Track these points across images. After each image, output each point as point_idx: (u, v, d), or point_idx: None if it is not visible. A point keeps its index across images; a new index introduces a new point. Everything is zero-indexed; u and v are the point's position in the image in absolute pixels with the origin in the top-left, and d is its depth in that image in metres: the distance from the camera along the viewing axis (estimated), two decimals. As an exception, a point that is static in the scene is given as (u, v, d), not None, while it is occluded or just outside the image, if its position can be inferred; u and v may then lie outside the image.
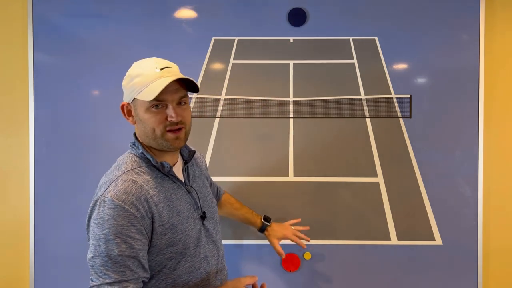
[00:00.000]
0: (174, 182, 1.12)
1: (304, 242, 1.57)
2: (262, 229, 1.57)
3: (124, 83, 1.10)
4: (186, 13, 1.75)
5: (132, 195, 1.01)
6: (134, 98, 1.06)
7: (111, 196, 1.00)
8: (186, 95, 1.10)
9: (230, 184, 1.74)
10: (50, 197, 1.73)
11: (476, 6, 1.73)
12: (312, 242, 1.72)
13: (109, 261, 0.98)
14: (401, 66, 1.75)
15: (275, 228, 1.57)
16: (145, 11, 1.74)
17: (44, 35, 1.74)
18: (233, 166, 1.73)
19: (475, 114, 1.73)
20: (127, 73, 1.09)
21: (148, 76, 1.04)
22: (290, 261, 1.72)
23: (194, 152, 1.22)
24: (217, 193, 1.53)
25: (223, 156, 1.74)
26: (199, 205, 1.18)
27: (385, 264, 1.72)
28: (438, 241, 1.72)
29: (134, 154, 1.11)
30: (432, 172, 1.73)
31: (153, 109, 1.05)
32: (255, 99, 1.75)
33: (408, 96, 1.74)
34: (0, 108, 1.79)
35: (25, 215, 1.74)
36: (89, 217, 1.03)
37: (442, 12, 1.74)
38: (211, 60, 1.75)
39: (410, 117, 1.74)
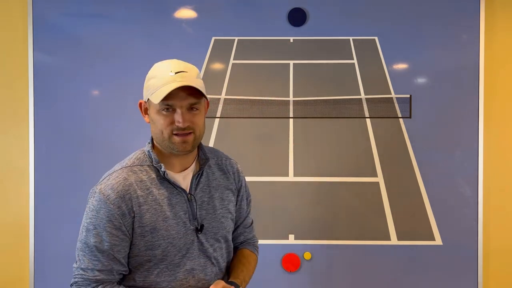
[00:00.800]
0: (173, 187, 1.10)
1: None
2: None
3: (145, 82, 1.12)
4: (186, 13, 1.76)
5: (117, 193, 1.03)
6: (149, 98, 1.08)
7: (100, 189, 1.05)
8: (199, 102, 1.08)
9: (230, 184, 1.74)
10: (50, 197, 1.73)
11: (476, 6, 1.73)
12: (312, 242, 1.72)
13: (86, 249, 1.03)
14: (401, 66, 1.75)
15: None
16: (145, 11, 1.74)
17: (44, 35, 1.74)
18: (233, 166, 1.73)
19: (475, 114, 1.73)
20: (148, 73, 1.11)
21: (160, 78, 1.05)
22: (290, 261, 1.72)
23: (208, 159, 1.17)
24: (243, 232, 1.31)
25: (223, 156, 1.74)
26: (196, 216, 1.12)
27: (385, 264, 1.72)
28: (438, 241, 1.72)
29: (143, 151, 1.13)
30: (432, 172, 1.72)
31: (164, 112, 1.06)
32: (255, 99, 1.75)
33: (408, 96, 1.74)
34: (0, 108, 1.79)
35: (25, 215, 1.74)
36: (87, 203, 1.09)
37: (442, 12, 1.74)
38: (211, 60, 1.75)
39: (410, 117, 1.74)
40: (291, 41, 1.76)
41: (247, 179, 1.73)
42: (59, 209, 1.73)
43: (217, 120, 1.75)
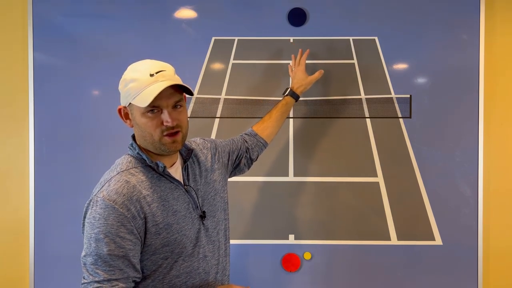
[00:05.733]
0: (171, 182, 1.12)
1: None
2: (293, 96, 1.57)
3: (120, 86, 1.11)
4: (186, 13, 1.76)
5: (123, 195, 1.02)
6: (130, 103, 1.07)
7: (103, 196, 1.01)
8: (182, 99, 1.10)
9: (230, 184, 1.73)
10: (50, 197, 1.73)
11: (476, 6, 1.73)
12: (312, 242, 1.72)
13: (99, 260, 0.99)
14: (401, 66, 1.75)
15: (294, 82, 1.60)
16: (145, 11, 1.74)
17: (44, 35, 1.74)
18: (233, 166, 1.73)
19: (475, 114, 1.73)
20: (123, 77, 1.10)
21: (142, 81, 1.04)
22: (290, 261, 1.72)
23: (192, 150, 1.21)
24: (253, 136, 1.47)
25: (223, 156, 1.74)
26: (198, 204, 1.17)
27: (385, 264, 1.72)
28: (438, 241, 1.72)
29: (130, 155, 1.12)
30: (432, 172, 1.73)
31: (149, 114, 1.05)
32: (255, 99, 1.75)
33: (408, 96, 1.74)
34: (0, 108, 1.80)
35: (25, 215, 1.74)
36: (84, 217, 1.05)
37: (442, 12, 1.74)
38: (211, 60, 1.75)
39: (410, 117, 1.74)
40: (291, 41, 1.76)
41: (247, 179, 1.74)
42: (59, 209, 1.73)
43: (217, 120, 1.75)
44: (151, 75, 1.04)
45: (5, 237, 1.79)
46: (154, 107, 1.04)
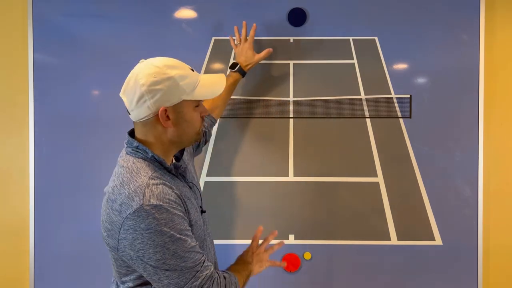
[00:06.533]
0: (181, 181, 1.14)
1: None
2: (241, 72, 1.57)
3: (160, 86, 1.03)
4: (186, 13, 1.76)
5: (171, 195, 1.02)
6: (183, 100, 1.06)
7: (156, 202, 0.97)
8: None
9: (230, 184, 1.74)
10: (50, 197, 1.73)
11: (476, 6, 1.73)
12: (312, 242, 1.72)
13: (185, 255, 1.00)
14: (401, 66, 1.75)
15: (242, 58, 1.59)
16: (145, 11, 1.74)
17: (44, 35, 1.74)
18: (233, 166, 1.73)
19: (475, 114, 1.73)
20: (163, 75, 1.03)
21: (192, 76, 1.07)
22: (290, 261, 1.72)
23: (184, 147, 1.23)
24: (207, 117, 1.51)
25: (223, 156, 1.74)
26: (200, 199, 1.21)
27: (385, 264, 1.72)
28: (438, 241, 1.72)
29: (143, 159, 1.07)
30: (432, 172, 1.72)
31: (197, 108, 1.10)
32: (255, 99, 1.75)
33: (408, 96, 1.74)
34: (0, 108, 1.80)
35: (25, 214, 1.74)
36: (135, 230, 0.97)
37: (442, 12, 1.74)
38: (211, 60, 1.75)
39: (410, 117, 1.74)
40: (291, 41, 1.76)
41: (247, 179, 1.74)
42: (59, 209, 1.73)
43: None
44: (191, 69, 1.10)
45: (5, 237, 1.79)
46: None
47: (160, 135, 1.09)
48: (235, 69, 1.56)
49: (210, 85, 1.09)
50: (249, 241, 1.40)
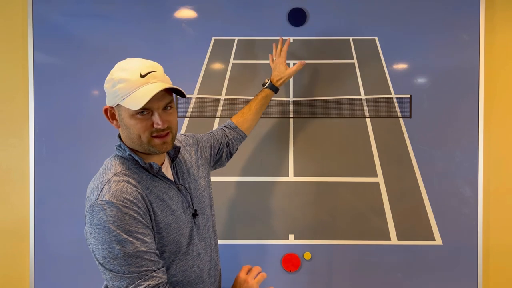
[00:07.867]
0: (164, 181, 1.12)
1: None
2: (273, 89, 1.57)
3: (106, 85, 1.07)
4: (186, 13, 1.76)
5: (130, 194, 1.01)
6: (118, 104, 1.04)
7: (109, 198, 0.98)
8: (172, 100, 1.08)
9: (230, 184, 1.74)
10: (50, 197, 1.74)
11: (476, 6, 1.73)
12: (312, 242, 1.72)
13: (129, 259, 0.97)
14: (401, 66, 1.75)
15: (274, 73, 1.59)
16: (145, 11, 1.74)
17: (44, 35, 1.74)
18: (233, 166, 1.73)
19: (475, 114, 1.73)
20: (109, 76, 1.06)
21: (132, 82, 1.01)
22: (290, 261, 1.72)
23: (179, 148, 1.20)
24: (233, 130, 1.47)
25: (223, 156, 1.74)
26: (190, 203, 1.17)
27: (385, 264, 1.72)
28: (438, 241, 1.72)
29: (121, 157, 1.10)
30: (432, 172, 1.73)
31: (138, 116, 1.03)
32: (255, 99, 1.75)
33: (408, 96, 1.74)
34: (0, 108, 1.80)
35: (25, 215, 1.74)
36: (90, 224, 0.99)
37: (442, 12, 1.74)
38: (211, 60, 1.75)
39: (410, 117, 1.74)
40: (291, 41, 1.76)
41: (247, 179, 1.74)
42: (59, 209, 1.73)
43: (217, 120, 1.75)
44: (142, 76, 1.01)
45: (5, 237, 1.79)
46: (145, 109, 1.02)
47: (123, 136, 1.11)
48: (266, 85, 1.57)
49: (141, 96, 0.99)
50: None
